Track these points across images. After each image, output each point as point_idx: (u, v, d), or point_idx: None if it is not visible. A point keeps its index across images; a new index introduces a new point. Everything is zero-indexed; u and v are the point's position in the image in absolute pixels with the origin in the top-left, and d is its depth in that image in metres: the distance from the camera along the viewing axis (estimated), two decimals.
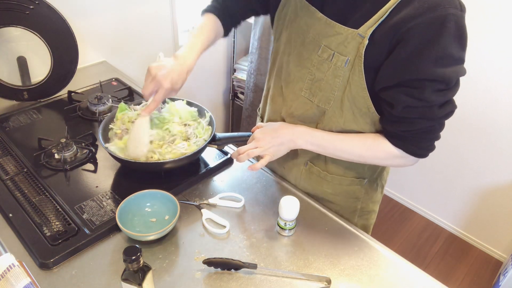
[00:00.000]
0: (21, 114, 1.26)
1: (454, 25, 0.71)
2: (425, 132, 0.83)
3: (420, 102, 0.77)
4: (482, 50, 1.79)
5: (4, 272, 0.65)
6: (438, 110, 0.79)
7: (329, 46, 0.83)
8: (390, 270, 0.85)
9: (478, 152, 1.98)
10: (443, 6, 0.71)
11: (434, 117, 0.80)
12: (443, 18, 0.71)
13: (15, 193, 0.96)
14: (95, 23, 1.56)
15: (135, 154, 0.95)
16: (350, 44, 0.80)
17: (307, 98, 0.91)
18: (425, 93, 0.76)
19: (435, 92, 0.76)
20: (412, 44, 0.73)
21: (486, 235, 2.15)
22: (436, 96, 0.77)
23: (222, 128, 2.55)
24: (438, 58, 0.73)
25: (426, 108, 0.78)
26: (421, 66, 0.74)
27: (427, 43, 0.72)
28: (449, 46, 0.72)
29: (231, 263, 0.81)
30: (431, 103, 0.77)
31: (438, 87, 0.76)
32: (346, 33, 0.80)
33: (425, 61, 0.73)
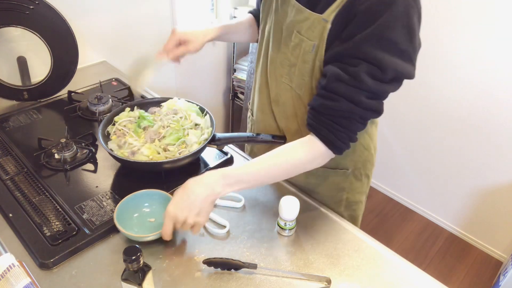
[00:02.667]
0: (21, 114, 1.26)
1: (403, 11, 0.71)
2: (344, 118, 0.79)
3: (351, 79, 0.76)
4: (482, 50, 1.79)
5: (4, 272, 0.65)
6: (365, 98, 0.77)
7: (300, 31, 0.85)
8: (390, 270, 0.85)
9: (478, 152, 1.98)
10: None
11: (358, 103, 0.77)
12: (393, 0, 0.70)
13: (15, 193, 0.96)
14: (95, 23, 1.56)
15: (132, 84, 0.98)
16: (316, 29, 0.81)
17: (288, 84, 0.93)
18: (359, 72, 0.74)
19: (369, 74, 0.75)
20: (358, 21, 0.74)
21: (486, 235, 2.15)
22: (369, 79, 0.75)
23: (222, 128, 2.54)
24: (380, 39, 0.72)
25: (355, 88, 0.76)
26: (361, 43, 0.74)
27: (371, 22, 0.72)
28: (393, 31, 0.72)
29: (231, 263, 0.81)
30: (361, 85, 0.75)
31: (373, 71, 0.74)
32: (313, 18, 0.81)
33: (366, 39, 0.73)
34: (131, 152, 0.98)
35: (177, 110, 1.09)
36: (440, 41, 1.88)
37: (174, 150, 0.99)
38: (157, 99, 1.16)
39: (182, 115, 1.07)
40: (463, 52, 1.84)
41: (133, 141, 1.01)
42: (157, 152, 0.98)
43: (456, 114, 1.98)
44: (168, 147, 1.00)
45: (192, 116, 1.07)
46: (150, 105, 1.15)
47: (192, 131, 1.04)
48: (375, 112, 0.80)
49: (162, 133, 1.02)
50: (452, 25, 1.83)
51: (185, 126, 1.04)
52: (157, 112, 1.11)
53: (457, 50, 1.86)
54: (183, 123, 1.05)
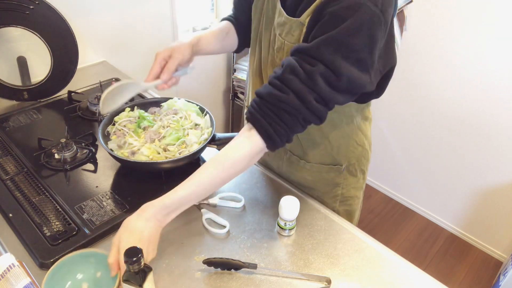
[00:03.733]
0: (21, 114, 1.26)
1: (368, 20, 0.71)
2: (288, 114, 0.76)
3: (305, 77, 0.74)
4: (482, 50, 1.79)
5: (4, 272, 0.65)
6: (314, 100, 0.75)
7: (281, 34, 0.87)
8: (390, 270, 0.85)
9: (478, 152, 1.98)
10: None
11: (306, 102, 0.75)
12: (358, 6, 0.70)
13: (15, 193, 0.96)
14: (95, 23, 1.56)
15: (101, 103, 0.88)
16: (295, 33, 0.83)
17: None
18: (315, 73, 0.73)
19: (323, 78, 0.74)
20: (324, 23, 0.74)
21: (486, 235, 2.15)
22: (322, 83, 0.74)
23: (222, 128, 2.54)
24: (340, 44, 0.72)
25: (306, 87, 0.74)
26: (322, 45, 0.73)
27: (335, 25, 0.72)
28: (354, 38, 0.71)
29: (231, 263, 0.81)
30: (314, 86, 0.74)
31: (328, 76, 0.73)
32: (291, 22, 0.83)
33: (327, 42, 0.73)
34: (131, 152, 0.98)
35: (177, 110, 1.09)
36: (440, 41, 1.88)
37: (174, 150, 0.99)
38: (157, 99, 1.16)
39: (182, 115, 1.07)
40: (463, 52, 1.84)
41: (133, 141, 1.01)
42: (157, 152, 0.98)
43: (456, 114, 1.98)
44: (168, 147, 1.00)
45: (192, 116, 1.07)
46: (150, 105, 1.15)
47: (192, 131, 1.04)
48: (318, 118, 0.78)
49: (162, 133, 1.02)
50: (452, 25, 1.83)
51: (185, 126, 1.04)
52: (157, 112, 1.11)
53: (457, 50, 1.86)
54: (183, 123, 1.05)
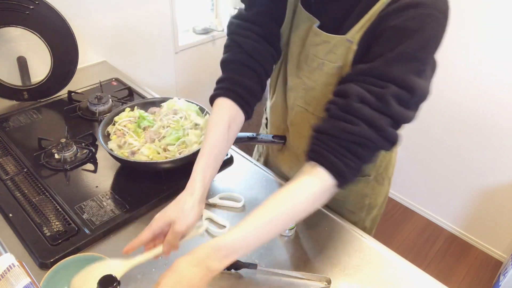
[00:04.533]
0: (21, 114, 1.26)
1: (436, 30, 0.67)
2: (359, 146, 0.69)
3: (377, 102, 0.67)
4: (483, 50, 1.79)
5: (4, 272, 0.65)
6: (388, 126, 0.68)
7: (317, 55, 0.80)
8: (390, 270, 0.85)
9: (479, 152, 1.98)
10: (428, 5, 0.66)
11: (380, 129, 0.68)
12: (426, 16, 0.66)
13: (15, 193, 0.96)
14: (95, 23, 1.56)
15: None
16: (339, 51, 0.77)
17: (303, 107, 0.90)
18: (386, 95, 0.66)
19: (396, 98, 0.67)
20: (387, 39, 0.68)
21: (486, 235, 2.15)
22: (395, 104, 0.67)
23: None
24: (411, 60, 0.67)
25: (379, 113, 0.67)
26: (391, 64, 0.67)
27: (402, 40, 0.66)
28: (425, 52, 0.67)
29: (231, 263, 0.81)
30: (387, 110, 0.67)
31: (401, 95, 0.67)
32: (334, 41, 0.77)
33: (396, 59, 0.67)
34: (131, 152, 0.98)
35: (177, 110, 1.09)
36: None
37: (174, 150, 0.99)
38: (157, 99, 1.16)
39: (182, 115, 1.07)
40: (463, 52, 1.84)
41: (133, 141, 1.01)
42: (157, 152, 0.98)
43: (456, 114, 1.98)
44: (168, 147, 1.00)
45: (192, 116, 1.07)
46: (150, 105, 1.15)
47: (192, 131, 1.04)
48: (391, 143, 0.70)
49: (162, 133, 1.02)
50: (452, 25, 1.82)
51: (185, 126, 1.04)
52: (157, 112, 1.11)
53: (458, 50, 1.86)
54: (183, 123, 1.05)
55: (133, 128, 1.05)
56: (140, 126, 1.05)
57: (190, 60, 2.07)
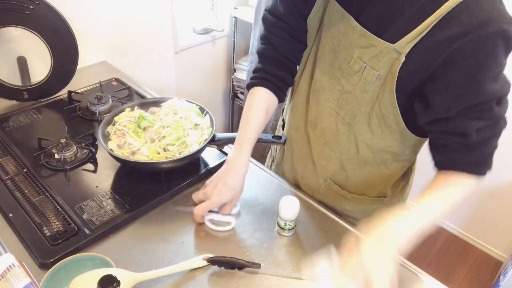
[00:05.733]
0: (21, 114, 1.26)
1: (503, 44, 0.66)
2: (492, 148, 0.77)
3: (490, 121, 0.73)
4: None
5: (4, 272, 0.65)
6: (503, 122, 0.74)
7: (362, 58, 0.77)
8: None
9: None
10: (495, 21, 0.64)
11: (500, 131, 0.75)
12: (496, 35, 0.65)
13: (15, 193, 0.95)
14: (95, 23, 1.57)
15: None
16: (384, 59, 0.74)
17: (334, 110, 0.87)
18: (494, 111, 0.71)
19: (499, 106, 0.72)
20: (467, 65, 0.68)
21: (486, 235, 2.15)
22: (500, 109, 0.72)
23: (222, 128, 2.55)
24: (497, 76, 0.69)
25: (496, 125, 0.74)
26: (484, 88, 0.68)
27: (483, 63, 0.67)
28: (503, 62, 0.69)
29: (235, 262, 0.81)
30: (499, 118, 0.73)
31: (501, 101, 0.72)
32: (381, 46, 0.73)
33: (487, 82, 0.68)
34: (131, 152, 0.98)
35: (177, 110, 1.09)
36: None
37: (174, 150, 0.99)
38: (157, 99, 1.16)
39: (182, 115, 1.07)
40: None
41: (133, 141, 1.01)
42: (157, 152, 0.98)
43: None
44: (168, 147, 1.00)
45: (192, 116, 1.07)
46: (150, 105, 1.15)
47: (192, 131, 1.03)
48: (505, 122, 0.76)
49: (162, 133, 1.02)
50: None
51: (185, 126, 1.04)
52: (157, 112, 1.11)
53: None
54: (183, 123, 1.05)
55: (133, 128, 1.05)
56: (140, 126, 1.05)
57: (190, 60, 2.07)
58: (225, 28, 2.13)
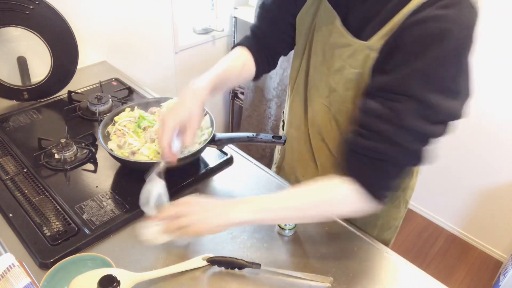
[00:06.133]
0: (21, 114, 1.26)
1: (457, 45, 0.63)
2: (380, 161, 0.69)
3: (391, 116, 0.66)
4: (483, 50, 1.79)
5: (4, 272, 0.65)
6: (405, 140, 0.67)
7: (341, 56, 0.79)
8: (390, 270, 0.85)
9: (478, 152, 1.98)
10: (449, 20, 0.62)
11: (396, 144, 0.67)
12: (445, 33, 0.62)
13: (15, 193, 0.95)
14: (95, 23, 1.57)
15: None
16: (359, 57, 0.75)
17: (327, 106, 0.88)
18: (401, 109, 0.66)
19: (413, 112, 0.65)
20: (405, 53, 0.66)
21: (486, 235, 2.15)
22: (411, 118, 0.65)
23: (222, 128, 2.54)
24: (429, 78, 0.64)
25: (394, 126, 0.66)
26: (408, 79, 0.65)
27: (420, 56, 0.64)
28: (444, 68, 0.64)
29: (235, 262, 0.81)
30: (402, 124, 0.66)
31: (420, 110, 0.65)
32: (356, 45, 0.75)
33: (414, 76, 0.65)
34: (131, 152, 0.98)
35: None
36: None
37: None
38: (157, 99, 1.16)
39: None
40: None
41: (133, 141, 1.01)
42: (157, 152, 0.98)
43: None
44: None
45: None
46: (150, 105, 1.15)
47: None
48: (415, 158, 0.69)
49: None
50: None
51: None
52: (157, 112, 1.11)
53: None
54: None
55: (133, 128, 1.05)
56: (140, 126, 1.05)
57: (190, 60, 2.07)
58: (225, 28, 2.13)
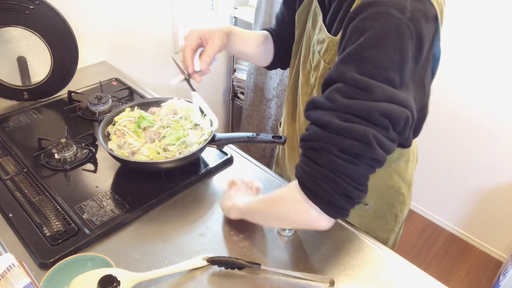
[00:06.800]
0: (21, 114, 1.26)
1: (392, 28, 0.59)
2: (318, 152, 0.62)
3: (324, 102, 0.62)
4: (483, 49, 1.79)
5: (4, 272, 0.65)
6: (337, 119, 0.60)
7: (320, 52, 0.79)
8: (390, 270, 0.85)
9: (478, 152, 1.98)
10: (385, 4, 0.59)
11: (328, 124, 0.60)
12: (379, 15, 0.59)
13: (15, 193, 0.96)
14: (95, 23, 1.57)
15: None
16: (331, 52, 0.75)
17: None
18: (330, 91, 0.62)
19: (341, 92, 0.60)
20: (345, 42, 0.64)
21: (486, 235, 2.15)
22: (340, 97, 0.60)
23: (222, 128, 2.54)
24: (359, 61, 0.60)
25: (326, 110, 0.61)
26: (339, 65, 0.62)
27: (354, 40, 0.61)
28: (378, 51, 0.59)
29: (235, 262, 0.81)
30: (333, 105, 0.61)
31: (349, 90, 0.60)
32: (328, 40, 0.76)
33: (344, 60, 0.62)
34: (131, 152, 0.98)
35: (177, 110, 1.09)
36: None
37: (174, 150, 0.99)
38: (157, 99, 1.16)
39: (182, 115, 1.07)
40: (463, 52, 1.84)
41: (133, 141, 1.01)
42: (157, 152, 0.98)
43: (456, 114, 1.98)
44: (168, 147, 1.00)
45: (192, 116, 1.07)
46: (150, 105, 1.15)
47: (192, 131, 1.04)
48: (359, 140, 0.59)
49: (162, 133, 1.02)
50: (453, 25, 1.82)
51: (185, 126, 1.04)
52: (157, 112, 1.11)
53: (457, 50, 1.86)
54: (183, 123, 1.05)
55: (133, 128, 1.05)
56: (140, 126, 1.05)
57: None
58: None
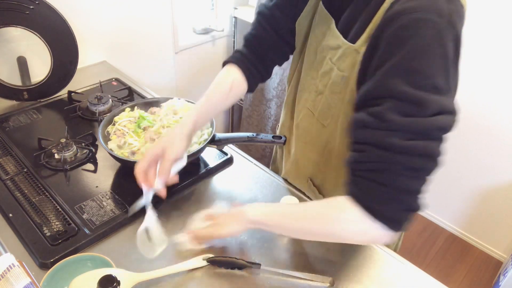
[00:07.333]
0: (21, 114, 1.26)
1: (434, 36, 0.58)
2: (379, 172, 0.62)
3: (375, 121, 0.61)
4: (484, 49, 1.79)
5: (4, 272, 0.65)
6: (398, 140, 0.59)
7: (332, 59, 0.77)
8: (390, 270, 0.85)
9: (478, 152, 1.98)
10: (423, 9, 0.58)
11: (389, 146, 0.60)
12: (419, 22, 0.58)
13: (15, 193, 0.95)
14: (95, 23, 1.57)
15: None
16: (347, 59, 0.73)
17: (311, 111, 0.87)
18: (383, 110, 0.61)
19: (396, 111, 0.60)
20: (382, 52, 0.62)
21: (486, 235, 2.15)
22: (397, 116, 0.59)
23: (222, 128, 2.54)
24: (407, 72, 0.59)
25: (382, 130, 0.61)
26: (385, 78, 0.61)
27: (396, 51, 0.60)
28: (423, 60, 0.59)
29: (235, 262, 0.81)
30: (389, 125, 0.60)
31: (403, 107, 0.59)
32: (345, 47, 0.73)
33: (390, 72, 0.61)
34: (131, 152, 0.98)
35: (177, 110, 1.09)
36: None
37: None
38: (157, 99, 1.16)
39: (182, 115, 1.07)
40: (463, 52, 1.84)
41: (133, 141, 1.01)
42: None
43: None
44: None
45: None
46: (150, 105, 1.15)
47: None
48: (422, 156, 0.60)
49: (162, 133, 1.02)
50: None
51: None
52: (157, 112, 1.11)
53: None
54: None
55: (133, 128, 1.05)
56: (140, 126, 1.05)
57: (190, 60, 2.07)
58: (225, 28, 2.13)
